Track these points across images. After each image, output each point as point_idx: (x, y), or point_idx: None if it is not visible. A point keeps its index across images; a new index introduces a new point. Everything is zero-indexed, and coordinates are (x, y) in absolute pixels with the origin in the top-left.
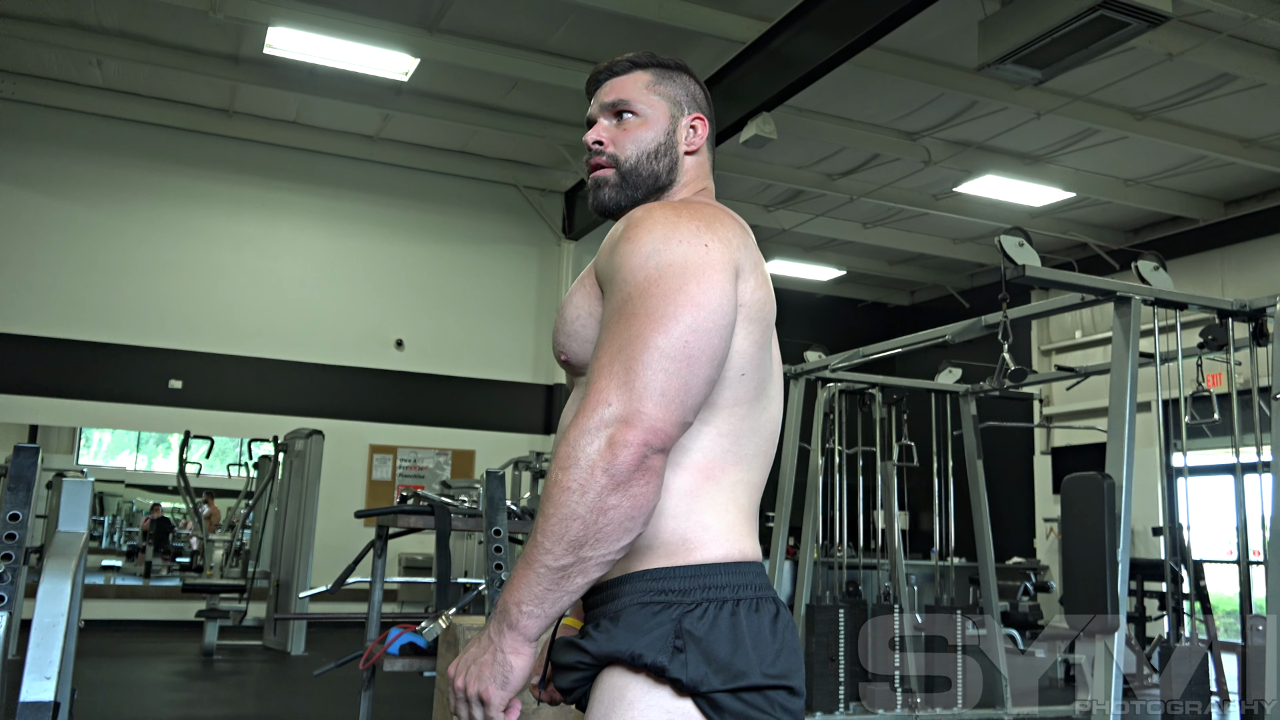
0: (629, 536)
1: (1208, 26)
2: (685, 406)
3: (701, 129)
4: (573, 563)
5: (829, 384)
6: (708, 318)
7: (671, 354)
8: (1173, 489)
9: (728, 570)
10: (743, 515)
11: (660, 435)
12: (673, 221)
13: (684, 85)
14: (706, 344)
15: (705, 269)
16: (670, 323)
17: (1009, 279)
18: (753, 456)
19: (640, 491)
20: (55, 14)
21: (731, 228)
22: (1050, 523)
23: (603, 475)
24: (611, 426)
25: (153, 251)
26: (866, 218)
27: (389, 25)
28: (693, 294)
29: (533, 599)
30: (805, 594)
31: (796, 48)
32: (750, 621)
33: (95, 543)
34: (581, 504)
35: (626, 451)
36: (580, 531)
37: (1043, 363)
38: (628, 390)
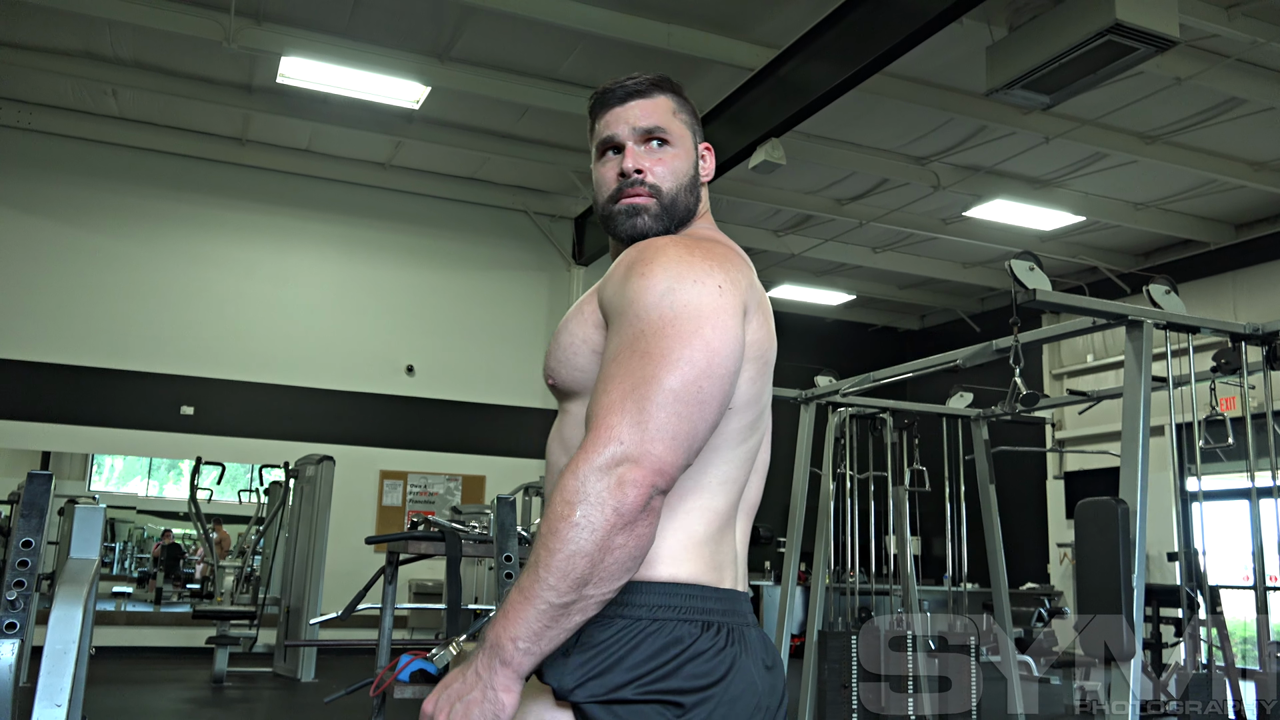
0: (627, 576)
1: (1216, 51)
2: (690, 450)
3: (710, 158)
4: (575, 600)
5: (840, 409)
6: (721, 363)
7: (685, 398)
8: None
9: (656, 590)
10: (694, 541)
11: (666, 478)
12: (686, 260)
13: (693, 110)
14: (717, 389)
15: (719, 313)
16: (685, 366)
17: (1020, 303)
18: (719, 484)
19: (644, 532)
20: (71, 45)
21: (740, 267)
22: (1064, 548)
23: (612, 514)
24: (622, 465)
25: (166, 278)
26: (876, 242)
27: (400, 54)
28: (707, 338)
29: (530, 635)
30: (818, 620)
31: (805, 74)
32: (655, 639)
33: (106, 569)
34: (590, 541)
35: (635, 491)
36: (586, 569)
37: (1054, 387)
38: (640, 430)
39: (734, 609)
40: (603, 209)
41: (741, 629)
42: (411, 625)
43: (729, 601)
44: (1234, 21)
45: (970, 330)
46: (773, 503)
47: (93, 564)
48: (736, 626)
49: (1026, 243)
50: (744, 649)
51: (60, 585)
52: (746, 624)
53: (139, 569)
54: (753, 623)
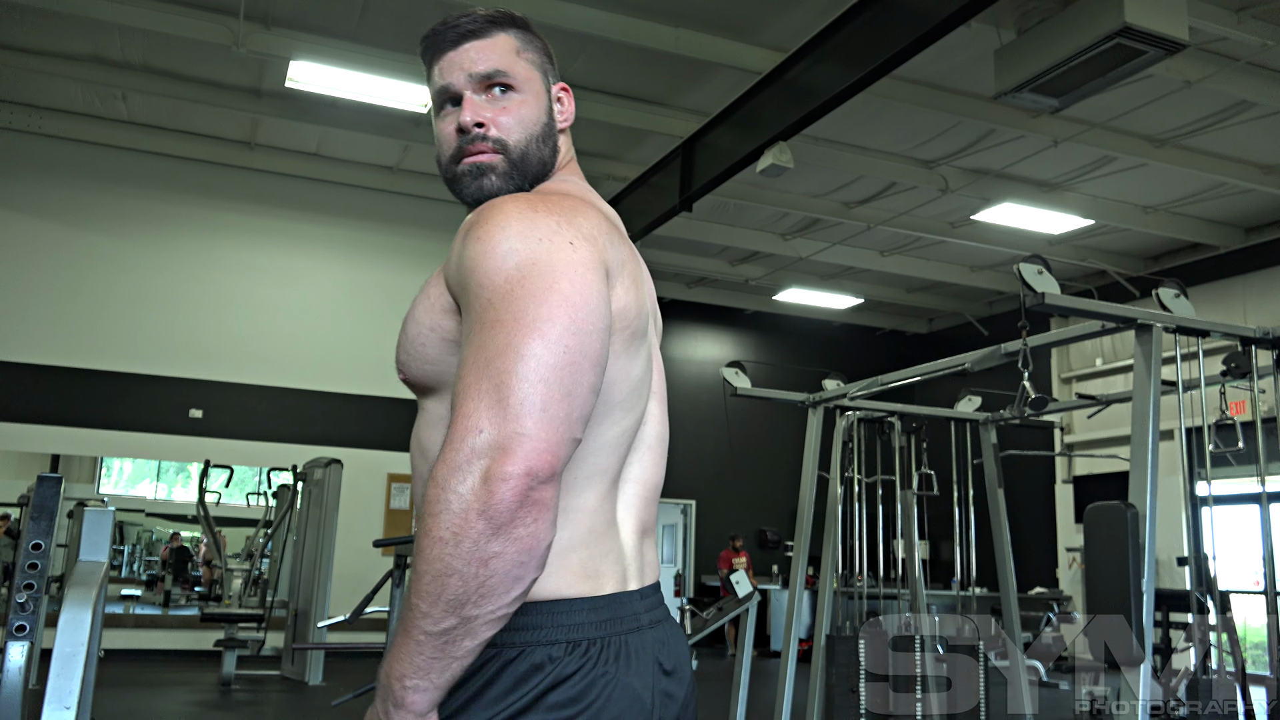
0: (520, 586)
1: (1225, 54)
2: (572, 419)
3: (568, 100)
4: (455, 625)
5: (847, 412)
6: (586, 317)
7: (549, 361)
8: (1197, 518)
9: (523, 611)
10: (556, 551)
11: (546, 459)
12: (529, 217)
13: (543, 48)
14: (588, 346)
15: (573, 266)
16: (544, 325)
17: (1028, 307)
18: (587, 479)
19: (527, 533)
20: (81, 50)
21: (595, 221)
22: (1073, 552)
23: (478, 519)
24: (485, 457)
25: (174, 282)
26: (884, 246)
27: (408, 58)
28: (565, 292)
29: (416, 670)
30: (825, 624)
31: (813, 78)
32: (515, 667)
33: (115, 572)
34: (457, 556)
35: (504, 487)
36: (459, 588)
37: (1063, 390)
38: (501, 410)
39: (614, 616)
40: (446, 171)
41: (623, 638)
42: None
43: (608, 610)
44: (1244, 24)
45: (978, 334)
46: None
47: (102, 567)
48: (615, 637)
49: (1035, 246)
50: (625, 662)
51: (69, 588)
52: (633, 629)
53: (148, 572)
54: (647, 623)
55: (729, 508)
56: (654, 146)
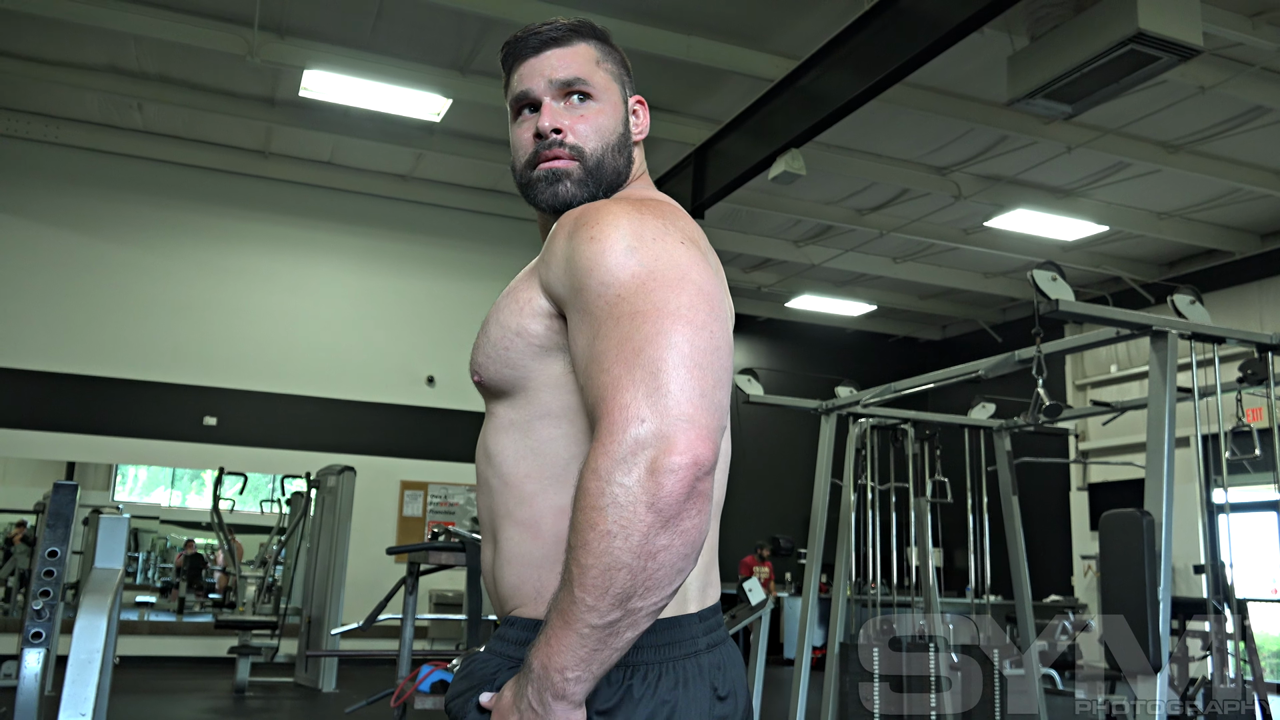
0: (681, 578)
1: (1240, 59)
2: (723, 408)
3: (644, 113)
4: (620, 617)
5: (861, 420)
6: (721, 305)
7: (702, 346)
8: (1214, 526)
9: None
10: None
11: (709, 447)
12: (636, 217)
13: (621, 60)
14: (726, 333)
15: (695, 261)
16: (689, 313)
17: (1042, 313)
18: None
19: (692, 525)
20: (97, 60)
21: (690, 223)
22: (1088, 560)
23: (647, 512)
24: (650, 448)
25: (189, 290)
26: (897, 252)
27: (421, 67)
28: (698, 282)
29: (578, 663)
30: (839, 632)
31: (825, 85)
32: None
33: (130, 579)
34: (626, 549)
35: (673, 478)
36: (628, 582)
37: (1078, 397)
38: (662, 399)
39: (673, 640)
40: (520, 176)
41: (680, 663)
42: (432, 636)
43: (667, 634)
44: (1258, 30)
45: (992, 341)
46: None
47: (117, 574)
48: (674, 662)
49: (1049, 253)
50: (684, 688)
51: (85, 595)
52: (690, 654)
53: (162, 579)
54: (704, 647)
55: (742, 515)
56: (666, 154)
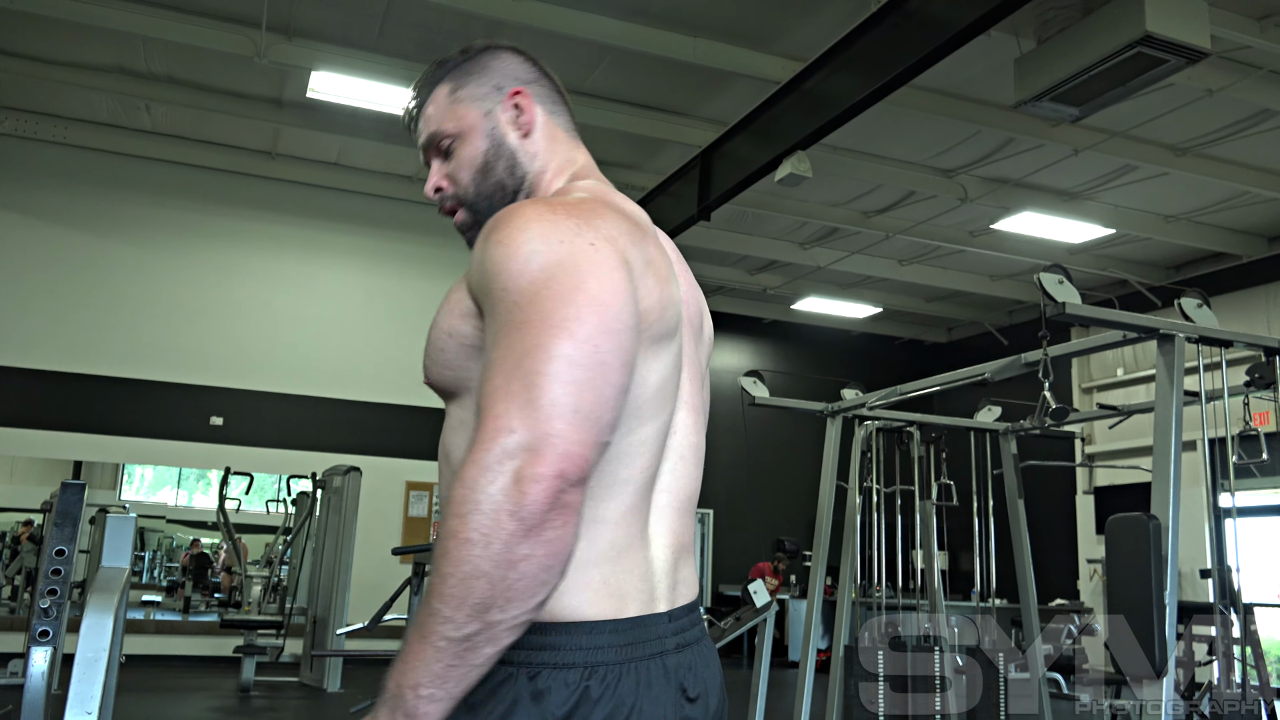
0: (544, 590)
1: (1247, 62)
2: (602, 423)
3: (526, 103)
4: (478, 630)
5: (866, 422)
6: (615, 316)
7: (580, 361)
8: (1220, 530)
9: (541, 631)
10: (574, 564)
11: (577, 462)
12: (548, 218)
13: (486, 68)
14: (617, 346)
15: (599, 265)
16: (574, 325)
17: (1049, 316)
18: (605, 489)
19: (556, 535)
20: (105, 61)
21: (614, 221)
22: (1094, 564)
23: (509, 520)
24: (517, 458)
25: (196, 290)
26: (903, 255)
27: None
28: (594, 291)
29: (433, 679)
30: (844, 635)
31: (831, 87)
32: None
33: (136, 578)
34: (485, 558)
35: (537, 488)
36: (486, 592)
37: (1084, 401)
38: (533, 411)
39: (637, 640)
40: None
41: (645, 663)
42: None
43: (630, 633)
44: (1266, 33)
45: (998, 343)
46: (798, 516)
47: (123, 573)
48: (638, 663)
49: (1055, 255)
50: (646, 689)
51: (91, 594)
52: (656, 654)
53: (168, 578)
54: (673, 648)
55: (747, 517)
56: (672, 156)
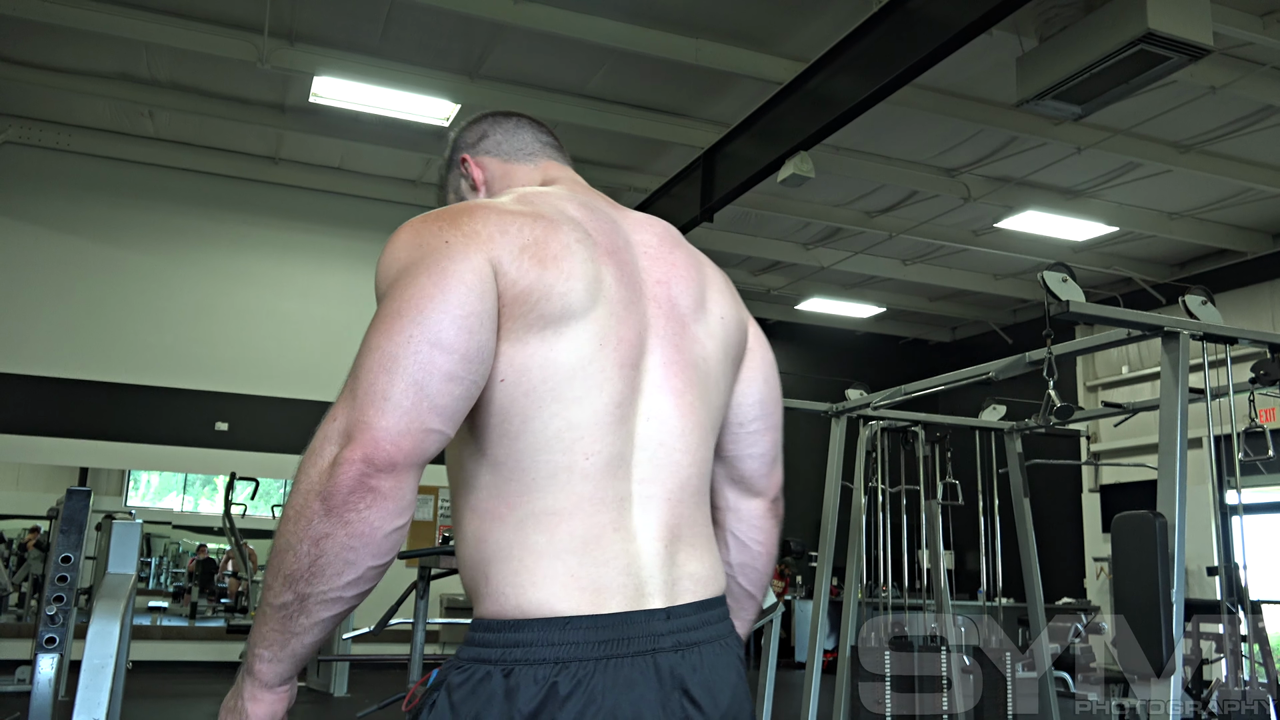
0: (352, 572)
1: (1251, 59)
2: (420, 410)
3: (473, 168)
4: (292, 601)
5: (871, 422)
6: (437, 307)
7: (391, 351)
8: (1227, 527)
9: (499, 628)
10: (534, 557)
11: (384, 448)
12: (417, 226)
13: (448, 160)
14: (437, 335)
15: (437, 258)
16: (392, 320)
17: (1053, 315)
18: (548, 478)
19: (358, 518)
20: (109, 68)
21: (489, 217)
22: (1100, 562)
23: (316, 500)
24: (334, 444)
25: (200, 296)
26: (906, 254)
27: (431, 72)
28: (422, 286)
29: (264, 642)
30: (850, 635)
31: (833, 87)
32: (473, 696)
33: (142, 584)
34: (296, 533)
35: (340, 471)
36: (293, 565)
37: (1089, 399)
38: (351, 400)
39: (621, 637)
40: None
41: (630, 660)
42: (443, 640)
43: (612, 629)
44: (1269, 29)
45: (1002, 342)
46: (804, 517)
47: (130, 579)
48: (619, 659)
49: (1059, 254)
50: (627, 688)
51: (98, 600)
52: (644, 651)
53: (174, 584)
54: (670, 646)
55: None
56: (675, 157)
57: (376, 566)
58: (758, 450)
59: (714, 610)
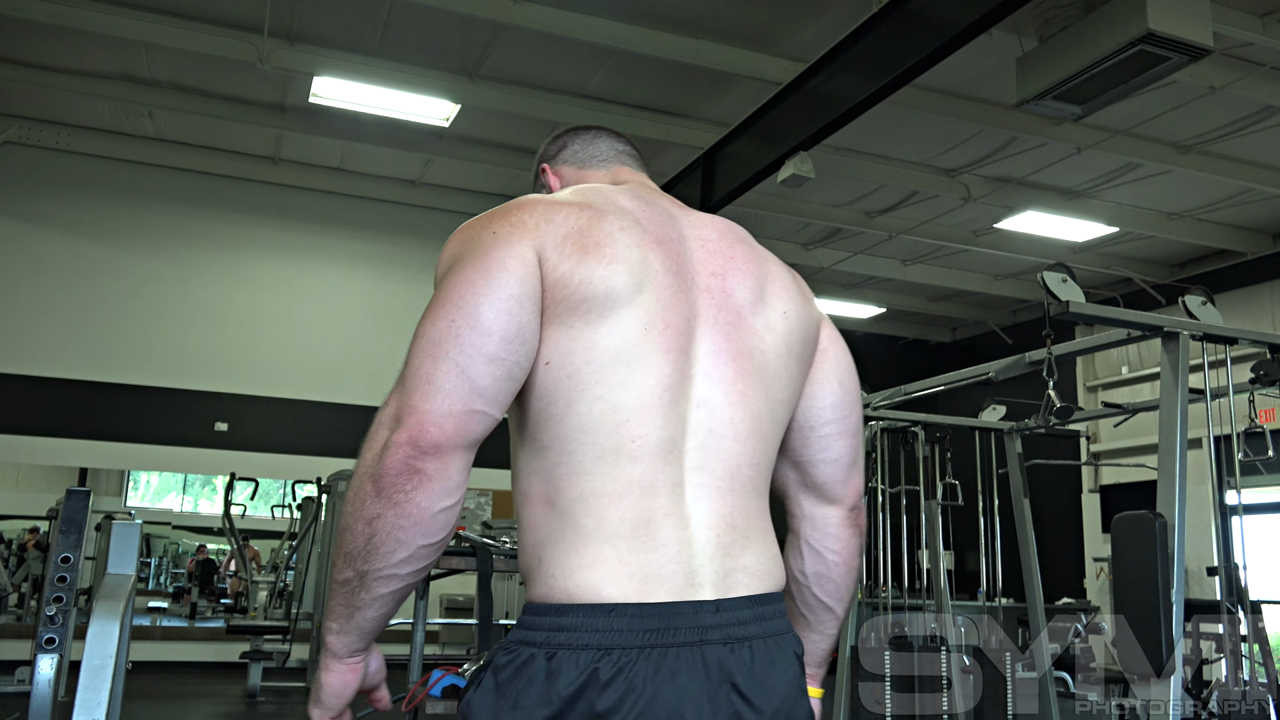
0: (404, 550)
1: (1250, 59)
2: (463, 392)
3: (550, 177)
4: (353, 577)
5: (870, 422)
6: (478, 292)
7: (434, 336)
8: (1227, 527)
9: (546, 611)
10: (584, 541)
11: (429, 430)
12: (470, 226)
13: (535, 164)
14: (478, 319)
15: (481, 247)
16: (439, 308)
17: (1052, 315)
18: (595, 461)
19: (406, 499)
20: (109, 68)
21: (535, 209)
22: (1100, 562)
23: (368, 481)
24: (387, 428)
25: (200, 296)
26: (906, 255)
27: (430, 73)
28: (466, 274)
29: (332, 615)
30: (850, 636)
31: (833, 88)
32: (516, 677)
33: (142, 584)
34: (353, 514)
35: (390, 453)
36: (352, 544)
37: (1089, 399)
38: (400, 387)
39: (667, 627)
40: None
41: (676, 650)
42: (443, 640)
43: (659, 619)
44: (1268, 29)
45: (1002, 342)
46: None
47: (129, 579)
48: (664, 649)
49: (1059, 254)
50: (671, 678)
51: (97, 600)
52: (691, 643)
53: (174, 584)
54: (719, 640)
55: None
56: (675, 157)
57: (428, 545)
58: (831, 455)
59: (769, 605)
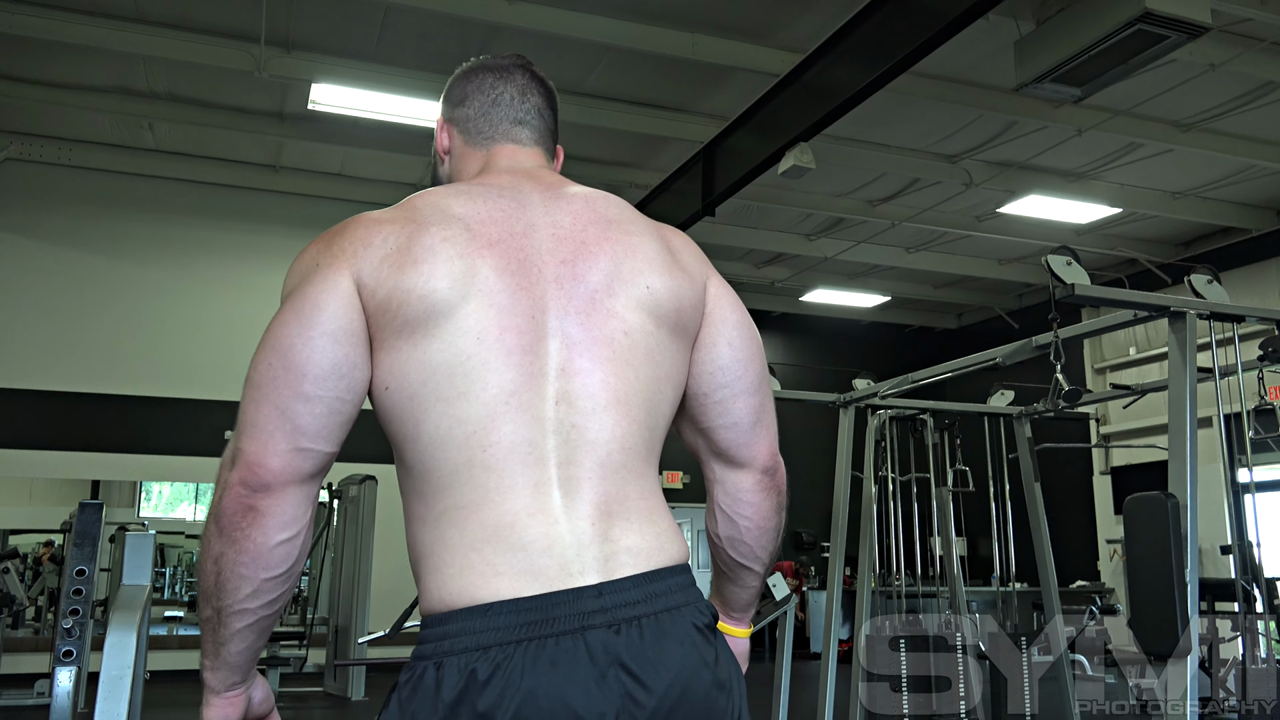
0: (249, 585)
1: (1249, 35)
2: (283, 432)
3: (440, 132)
4: (212, 615)
5: (879, 411)
6: (290, 334)
7: (258, 381)
8: (1240, 505)
9: (431, 623)
10: (450, 551)
11: (257, 471)
12: (304, 253)
13: (443, 98)
14: (291, 360)
15: (302, 287)
16: (260, 352)
17: (1058, 298)
18: (452, 474)
19: (243, 535)
20: (107, 81)
21: (355, 234)
22: (1113, 544)
23: (212, 522)
24: (226, 469)
25: (206, 305)
26: (909, 242)
27: (427, 76)
28: (283, 315)
29: (205, 653)
30: (864, 624)
31: (831, 78)
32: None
33: (158, 594)
34: (203, 554)
35: (227, 494)
36: (205, 582)
37: (1097, 381)
38: (236, 431)
39: (546, 618)
40: None
41: (555, 640)
42: None
43: (536, 611)
44: (1267, 5)
45: (1009, 327)
46: (815, 508)
47: (145, 590)
48: (543, 640)
49: (1063, 237)
50: (551, 667)
51: (114, 612)
52: (571, 630)
53: (189, 593)
54: (602, 624)
55: None
56: (675, 152)
57: (271, 578)
58: (730, 419)
59: (661, 582)
